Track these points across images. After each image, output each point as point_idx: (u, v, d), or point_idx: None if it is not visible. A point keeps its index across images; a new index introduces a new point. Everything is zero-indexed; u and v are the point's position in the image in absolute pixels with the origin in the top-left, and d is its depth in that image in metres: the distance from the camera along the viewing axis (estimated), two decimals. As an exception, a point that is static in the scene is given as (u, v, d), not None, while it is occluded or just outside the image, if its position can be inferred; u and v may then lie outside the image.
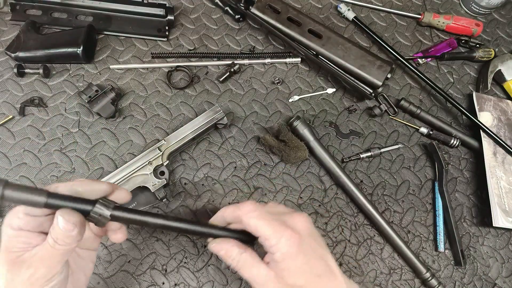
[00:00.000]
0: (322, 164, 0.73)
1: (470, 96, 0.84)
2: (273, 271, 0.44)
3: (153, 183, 0.64)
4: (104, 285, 0.63)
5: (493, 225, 0.70)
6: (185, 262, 0.65)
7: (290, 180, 0.72)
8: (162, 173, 0.66)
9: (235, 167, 0.72)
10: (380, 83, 0.72)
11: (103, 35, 0.79)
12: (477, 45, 0.87)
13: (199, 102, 0.76)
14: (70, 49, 0.71)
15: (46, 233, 0.41)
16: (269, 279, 0.43)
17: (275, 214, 0.47)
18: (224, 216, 0.49)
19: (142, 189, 0.65)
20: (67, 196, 0.41)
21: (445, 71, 0.86)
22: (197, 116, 0.69)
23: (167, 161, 0.66)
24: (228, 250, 0.46)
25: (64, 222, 0.39)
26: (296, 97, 0.78)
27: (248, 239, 0.48)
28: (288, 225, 0.45)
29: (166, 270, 0.64)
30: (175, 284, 0.64)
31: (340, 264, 0.68)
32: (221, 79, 0.77)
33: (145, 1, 0.77)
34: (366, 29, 0.84)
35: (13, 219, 0.40)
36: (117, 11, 0.79)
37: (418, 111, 0.78)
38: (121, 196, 0.46)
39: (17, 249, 0.41)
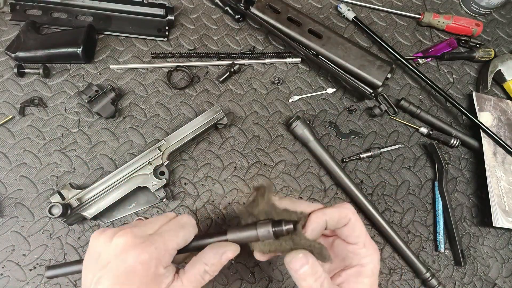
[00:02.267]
0: (322, 164, 0.73)
1: (470, 96, 0.84)
2: None
3: (153, 183, 0.64)
4: (104, 285, 0.63)
5: (493, 225, 0.70)
6: (185, 262, 0.65)
7: (290, 180, 0.72)
8: (162, 173, 0.66)
9: (235, 167, 0.72)
10: (380, 83, 0.72)
11: (103, 35, 0.79)
12: (477, 45, 0.87)
13: (199, 102, 0.76)
14: (70, 49, 0.71)
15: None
16: None
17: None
18: (327, 219, 0.41)
19: (142, 189, 0.65)
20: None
21: (445, 71, 0.86)
22: (197, 116, 0.69)
23: (167, 161, 0.66)
24: (315, 265, 0.39)
25: (231, 254, 0.41)
26: (296, 97, 0.78)
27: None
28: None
29: (166, 270, 0.64)
30: (175, 284, 0.63)
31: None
32: (221, 79, 0.77)
33: (145, 1, 0.77)
34: (366, 29, 0.84)
35: (165, 256, 0.40)
36: (117, 11, 0.79)
37: (418, 111, 0.78)
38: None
39: None
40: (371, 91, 0.74)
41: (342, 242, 0.44)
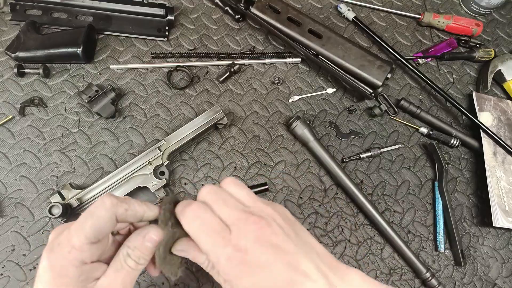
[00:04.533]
0: (322, 164, 0.73)
1: (470, 96, 0.84)
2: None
3: (153, 183, 0.64)
4: (104, 285, 0.63)
5: (493, 225, 0.70)
6: (185, 262, 0.65)
7: (290, 180, 0.72)
8: (162, 173, 0.66)
9: (235, 167, 0.72)
10: (380, 83, 0.72)
11: (103, 35, 0.79)
12: (477, 45, 0.87)
13: (199, 102, 0.76)
14: (70, 49, 0.71)
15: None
16: None
17: (231, 213, 0.38)
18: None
19: (142, 189, 0.65)
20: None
21: (445, 71, 0.86)
22: (197, 116, 0.69)
23: (167, 161, 0.66)
24: (196, 256, 0.40)
25: (156, 236, 0.38)
26: (296, 97, 0.78)
27: None
28: (236, 234, 0.36)
29: (166, 270, 0.64)
30: (175, 284, 0.64)
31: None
32: (221, 79, 0.77)
33: (145, 1, 0.77)
34: (366, 29, 0.84)
35: (72, 253, 0.35)
36: (117, 11, 0.79)
37: (418, 111, 0.78)
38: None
39: None
40: (371, 91, 0.74)
41: None
